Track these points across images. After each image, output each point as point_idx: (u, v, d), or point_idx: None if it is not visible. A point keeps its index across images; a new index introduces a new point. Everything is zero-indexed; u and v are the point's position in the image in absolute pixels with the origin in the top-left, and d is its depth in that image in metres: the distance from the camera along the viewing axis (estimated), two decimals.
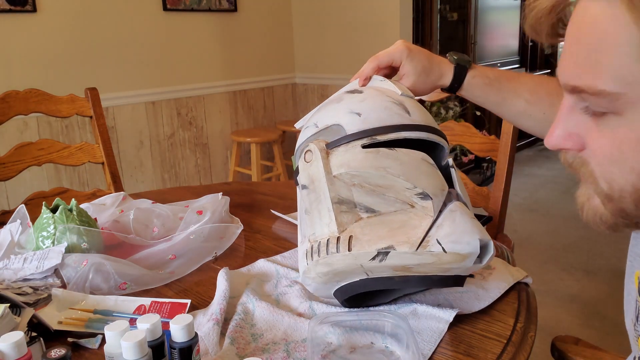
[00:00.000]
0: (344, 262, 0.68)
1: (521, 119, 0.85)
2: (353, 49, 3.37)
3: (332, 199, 0.69)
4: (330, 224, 0.69)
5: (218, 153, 3.38)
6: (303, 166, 0.73)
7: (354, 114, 0.72)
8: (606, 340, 2.10)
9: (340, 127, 0.72)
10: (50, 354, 0.56)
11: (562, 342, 0.97)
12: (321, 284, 0.75)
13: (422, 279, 0.69)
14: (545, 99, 0.81)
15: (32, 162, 1.49)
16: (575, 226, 3.28)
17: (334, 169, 0.70)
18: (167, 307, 0.81)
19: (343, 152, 0.70)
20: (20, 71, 2.46)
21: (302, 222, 0.76)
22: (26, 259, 0.95)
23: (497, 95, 0.85)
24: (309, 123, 0.78)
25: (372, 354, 0.69)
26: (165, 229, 1.08)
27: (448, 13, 4.39)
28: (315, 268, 0.71)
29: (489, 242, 0.67)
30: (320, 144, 0.72)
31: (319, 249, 0.69)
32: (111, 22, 2.74)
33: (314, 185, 0.71)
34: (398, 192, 0.69)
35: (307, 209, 0.72)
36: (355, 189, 0.69)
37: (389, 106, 0.73)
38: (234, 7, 3.28)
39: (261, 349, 0.71)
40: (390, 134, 0.70)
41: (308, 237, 0.72)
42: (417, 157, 0.70)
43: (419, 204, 0.68)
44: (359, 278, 0.71)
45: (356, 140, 0.70)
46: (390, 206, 0.69)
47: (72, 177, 2.71)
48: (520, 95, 0.83)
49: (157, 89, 2.99)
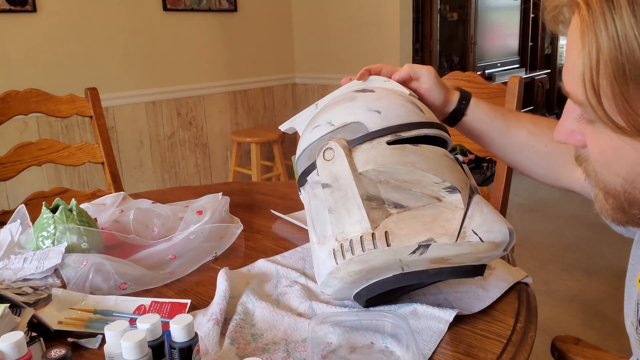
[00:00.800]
0: (382, 258, 0.68)
1: (523, 151, 0.82)
2: (353, 49, 3.37)
3: (361, 195, 0.68)
4: (362, 221, 0.68)
5: (218, 153, 3.38)
6: (323, 164, 0.71)
7: (374, 112, 0.72)
8: (606, 340, 2.10)
9: (361, 125, 0.72)
10: (50, 354, 0.56)
11: (562, 342, 0.97)
12: (347, 284, 0.73)
13: (455, 269, 0.71)
14: (547, 132, 0.80)
15: (32, 162, 1.49)
16: (576, 226, 3.28)
17: (359, 165, 0.69)
18: (167, 307, 0.81)
19: (368, 149, 0.70)
20: (20, 71, 2.46)
21: (319, 223, 0.74)
22: (26, 259, 0.95)
23: (502, 121, 0.82)
24: (319, 122, 0.77)
25: (372, 354, 0.69)
26: (165, 229, 1.08)
27: (448, 13, 4.39)
28: (347, 267, 0.70)
29: (513, 231, 0.69)
30: (342, 142, 0.71)
31: (352, 246, 0.68)
32: (111, 22, 2.74)
33: (338, 183, 0.70)
34: (425, 187, 0.70)
35: (331, 207, 0.71)
36: (381, 185, 0.70)
37: (404, 104, 0.74)
38: (234, 7, 3.28)
39: (261, 349, 0.71)
40: (413, 130, 0.71)
41: (335, 237, 0.70)
42: (440, 153, 0.72)
43: (447, 198, 0.70)
44: (393, 274, 0.71)
45: (381, 137, 0.70)
46: (417, 201, 0.70)
47: (72, 177, 2.71)
48: (524, 125, 0.82)
49: (157, 89, 2.99)
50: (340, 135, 0.73)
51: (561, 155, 0.79)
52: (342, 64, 3.44)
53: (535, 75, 5.21)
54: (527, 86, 4.99)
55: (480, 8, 4.36)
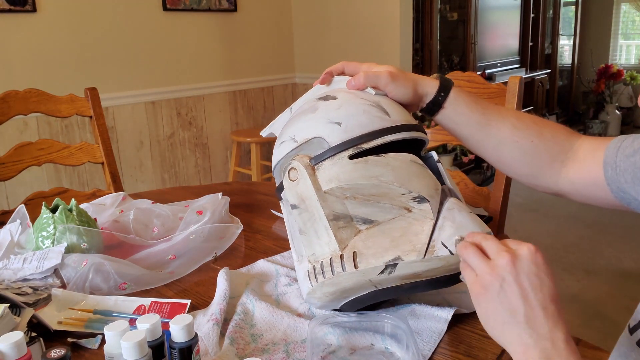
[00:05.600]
0: (352, 280, 0.67)
1: (506, 147, 0.76)
2: (353, 49, 3.37)
3: (327, 216, 0.67)
4: (330, 243, 0.67)
5: (218, 153, 3.37)
6: (289, 185, 0.71)
7: (334, 124, 0.69)
8: (607, 340, 2.09)
9: (322, 140, 0.69)
10: (50, 354, 0.56)
11: None
12: (327, 302, 0.74)
13: (430, 282, 0.69)
14: (533, 127, 0.75)
15: (32, 162, 1.49)
16: (576, 226, 3.28)
17: (323, 184, 0.67)
18: (167, 307, 0.81)
19: (330, 166, 0.67)
20: (20, 71, 2.46)
21: (296, 241, 0.74)
22: (26, 259, 0.95)
23: (482, 115, 0.76)
24: (284, 137, 0.75)
25: (372, 355, 0.69)
26: (165, 229, 1.08)
27: (448, 13, 4.39)
28: (321, 289, 0.70)
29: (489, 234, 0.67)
30: (304, 160, 0.69)
31: (323, 269, 0.68)
32: (111, 22, 2.74)
33: (305, 204, 0.69)
34: (393, 199, 0.67)
35: (301, 229, 0.70)
36: (348, 201, 0.68)
37: (367, 109, 0.70)
38: (234, 7, 3.28)
39: (261, 350, 0.71)
40: (375, 140, 0.68)
41: (307, 258, 0.71)
42: (407, 160, 0.68)
43: (416, 208, 0.67)
44: (368, 291, 0.71)
45: (342, 152, 0.68)
46: (387, 214, 0.68)
47: (72, 177, 2.71)
48: (507, 119, 0.76)
49: (157, 89, 2.99)
50: (304, 151, 0.70)
51: (549, 152, 0.75)
52: None
53: (535, 75, 5.21)
54: (527, 86, 4.99)
55: (480, 8, 4.36)
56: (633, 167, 0.65)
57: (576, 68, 6.07)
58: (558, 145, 0.75)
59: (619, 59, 6.23)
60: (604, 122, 5.68)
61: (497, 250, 0.55)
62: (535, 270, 0.53)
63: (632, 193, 0.66)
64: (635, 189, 0.65)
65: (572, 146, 0.75)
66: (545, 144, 0.75)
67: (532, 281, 0.53)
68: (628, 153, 0.66)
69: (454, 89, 0.77)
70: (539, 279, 0.53)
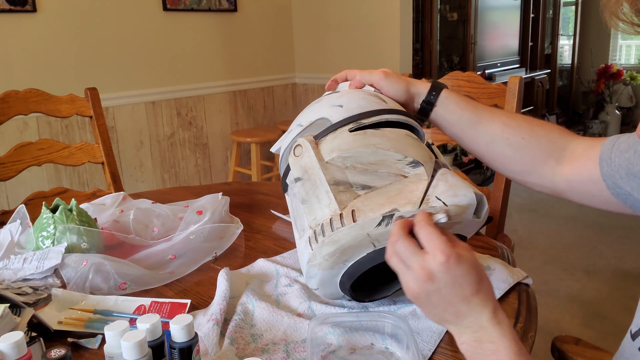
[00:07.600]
0: (351, 235, 0.69)
1: (497, 144, 0.78)
2: (353, 49, 3.37)
3: (328, 181, 0.71)
4: (330, 204, 0.70)
5: (218, 153, 3.38)
6: (294, 161, 0.75)
7: (336, 106, 0.76)
8: (606, 340, 2.10)
9: (325, 120, 0.76)
10: (50, 354, 0.56)
11: (562, 342, 0.97)
12: (327, 271, 0.74)
13: None
14: (524, 125, 0.77)
15: (32, 162, 1.49)
16: (576, 226, 3.28)
17: (325, 155, 0.72)
18: (167, 307, 0.81)
19: (332, 139, 0.73)
20: (20, 71, 2.46)
21: (298, 215, 0.77)
22: (26, 259, 0.95)
23: (473, 113, 0.79)
24: (292, 126, 0.81)
25: (372, 355, 0.69)
26: (165, 229, 1.08)
27: (448, 13, 4.39)
28: (321, 251, 0.71)
29: (482, 196, 0.69)
30: (309, 137, 0.75)
31: (323, 230, 0.70)
32: (111, 22, 2.74)
33: (307, 174, 0.73)
34: (389, 166, 0.71)
35: (303, 198, 0.73)
36: (348, 170, 0.72)
37: (366, 97, 0.78)
38: (234, 7, 3.28)
39: (261, 350, 0.71)
40: (374, 117, 0.74)
41: (309, 224, 0.72)
42: (402, 133, 0.74)
43: (411, 173, 0.71)
44: (366, 252, 0.71)
45: (343, 126, 0.74)
46: (384, 180, 0.72)
47: (72, 177, 2.71)
48: (497, 117, 0.78)
49: (157, 89, 2.99)
50: (308, 133, 0.77)
51: (541, 149, 0.75)
52: (342, 64, 3.44)
53: (535, 75, 5.21)
54: (527, 86, 4.99)
55: (480, 8, 4.36)
56: (627, 163, 0.66)
57: (576, 68, 6.07)
58: (552, 143, 0.76)
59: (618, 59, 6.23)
60: (603, 122, 5.68)
61: (420, 266, 0.57)
62: (450, 280, 0.56)
63: (626, 188, 0.66)
64: (629, 184, 0.66)
65: (567, 145, 0.75)
66: (538, 141, 0.76)
67: (451, 289, 0.56)
68: (623, 149, 0.67)
69: (445, 89, 0.81)
70: (457, 284, 0.56)
